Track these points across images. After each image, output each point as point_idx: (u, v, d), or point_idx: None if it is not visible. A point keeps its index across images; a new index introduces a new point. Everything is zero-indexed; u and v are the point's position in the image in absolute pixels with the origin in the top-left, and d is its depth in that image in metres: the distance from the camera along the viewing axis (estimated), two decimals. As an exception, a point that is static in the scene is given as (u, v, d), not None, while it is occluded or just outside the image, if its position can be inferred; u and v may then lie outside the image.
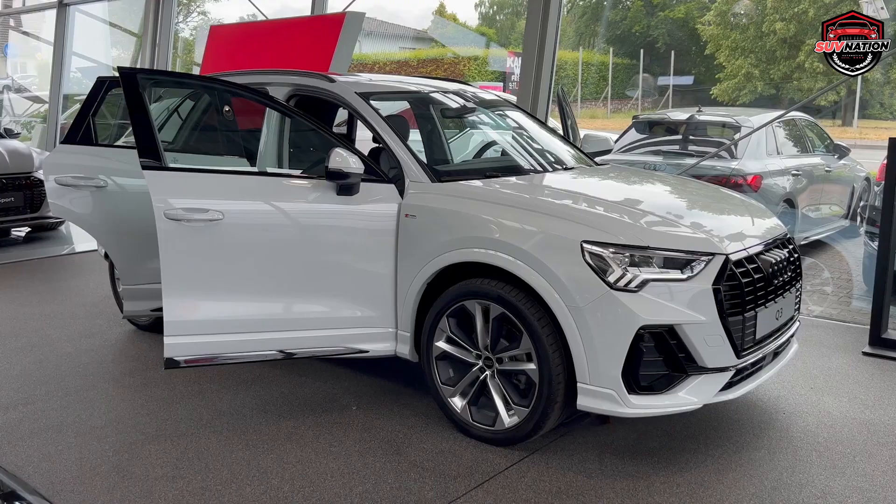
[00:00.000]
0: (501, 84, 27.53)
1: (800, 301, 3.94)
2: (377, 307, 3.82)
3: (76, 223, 4.35)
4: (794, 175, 7.35)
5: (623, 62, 29.22)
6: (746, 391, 3.44)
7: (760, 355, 3.50)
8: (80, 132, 4.28)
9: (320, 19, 7.73)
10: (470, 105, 4.82)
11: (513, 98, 7.07)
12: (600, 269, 3.19)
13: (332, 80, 4.27)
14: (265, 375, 4.41)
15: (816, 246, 7.97)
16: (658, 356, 3.21)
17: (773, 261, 3.51)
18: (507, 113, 5.03)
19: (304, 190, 3.66)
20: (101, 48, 15.50)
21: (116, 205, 4.27)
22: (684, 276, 3.22)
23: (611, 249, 3.21)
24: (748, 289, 3.34)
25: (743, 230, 3.65)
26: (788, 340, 3.89)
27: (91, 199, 4.20)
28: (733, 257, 3.33)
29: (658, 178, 4.61)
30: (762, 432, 3.71)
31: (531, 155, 4.61)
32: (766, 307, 3.45)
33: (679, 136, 7.53)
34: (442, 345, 3.67)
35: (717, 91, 17.37)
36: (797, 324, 3.97)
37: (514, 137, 4.86)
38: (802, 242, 7.61)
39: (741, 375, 3.42)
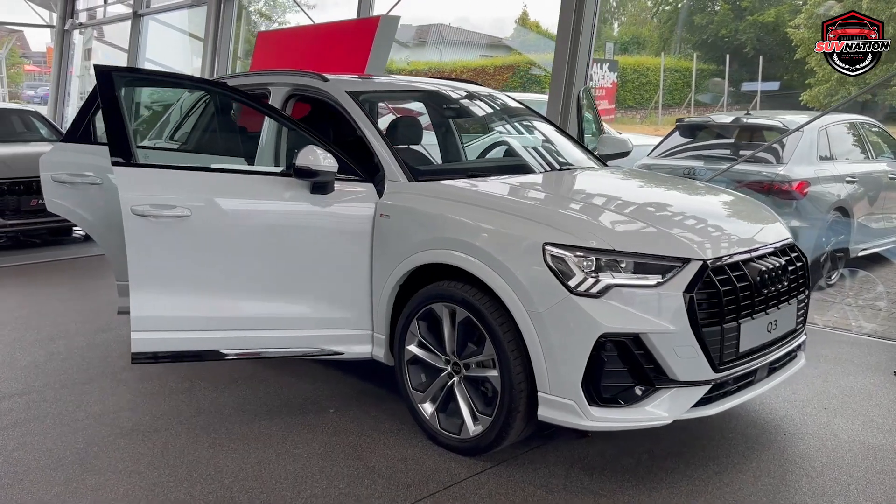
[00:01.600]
0: (580, 90, 27.21)
1: (805, 314, 3.65)
2: (352, 309, 3.75)
3: (71, 219, 4.46)
4: (848, 182, 6.89)
5: (709, 68, 28.37)
6: (728, 408, 3.20)
7: (747, 370, 3.24)
8: (80, 131, 4.39)
9: (357, 23, 7.76)
10: (471, 104, 4.70)
11: (544, 98, 6.91)
12: (562, 273, 3.02)
13: (326, 80, 4.24)
14: (257, 374, 4.41)
15: (875, 259, 7.44)
16: (622, 366, 3.01)
17: (764, 269, 3.25)
18: (513, 112, 4.89)
19: (276, 188, 3.62)
20: (182, 57, 16.07)
21: (110, 202, 4.34)
22: (653, 283, 3.02)
23: (574, 252, 3.04)
24: (728, 298, 3.10)
25: (732, 235, 3.40)
26: (792, 355, 3.62)
27: (86, 196, 4.30)
28: (713, 263, 3.10)
29: (659, 180, 4.39)
30: (753, 453, 3.45)
31: (529, 154, 4.46)
32: (752, 318, 3.20)
33: (724, 141, 7.17)
34: (413, 349, 3.57)
35: (807, 97, 16.59)
36: (802, 337, 3.68)
37: (516, 137, 4.71)
38: (860, 254, 7.12)
39: (722, 390, 3.18)
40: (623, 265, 3.05)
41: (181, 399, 4.08)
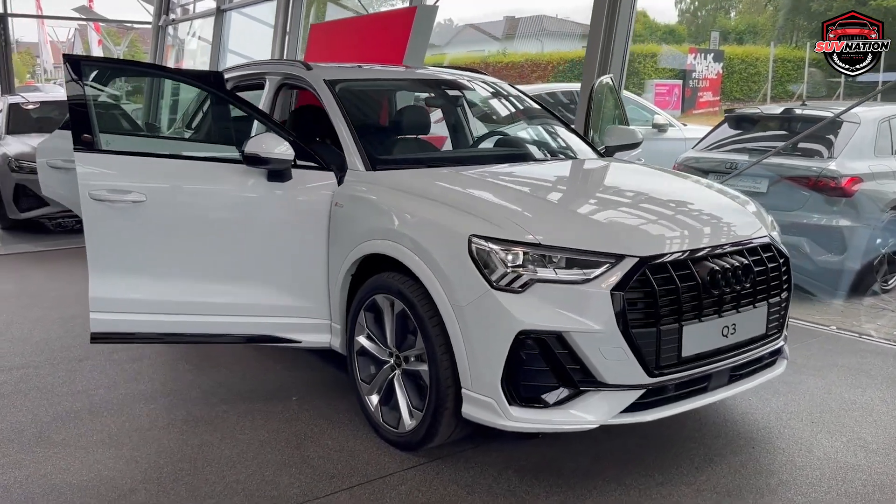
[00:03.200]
0: (680, 81, 26.34)
1: (780, 318, 3.36)
2: (311, 297, 3.74)
3: (64, 203, 4.65)
4: (911, 178, 6.32)
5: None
6: (668, 415, 2.99)
7: (693, 376, 3.02)
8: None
9: (396, 14, 7.74)
10: (464, 94, 4.60)
11: (575, 86, 6.68)
12: (485, 266, 2.91)
13: (309, 68, 4.25)
14: (241, 358, 4.48)
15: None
16: (545, 366, 2.87)
17: (718, 268, 3.02)
18: (511, 101, 4.75)
19: (233, 175, 3.64)
20: (269, 49, 16.58)
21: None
22: (580, 279, 2.86)
23: (500, 245, 2.92)
24: (668, 297, 2.90)
25: (686, 231, 3.18)
26: (764, 362, 3.36)
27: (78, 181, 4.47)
28: (653, 261, 2.90)
29: (639, 173, 4.14)
30: (707, 465, 3.22)
31: (513, 145, 4.33)
32: (700, 321, 2.98)
33: (773, 133, 6.73)
34: (362, 340, 3.53)
35: (935, 87, 15.36)
36: (779, 344, 3.40)
37: (509, 127, 4.59)
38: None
39: (659, 396, 2.98)
40: (555, 260, 2.90)
41: (159, 379, 4.20)
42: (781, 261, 3.34)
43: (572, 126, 4.70)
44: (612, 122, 5.84)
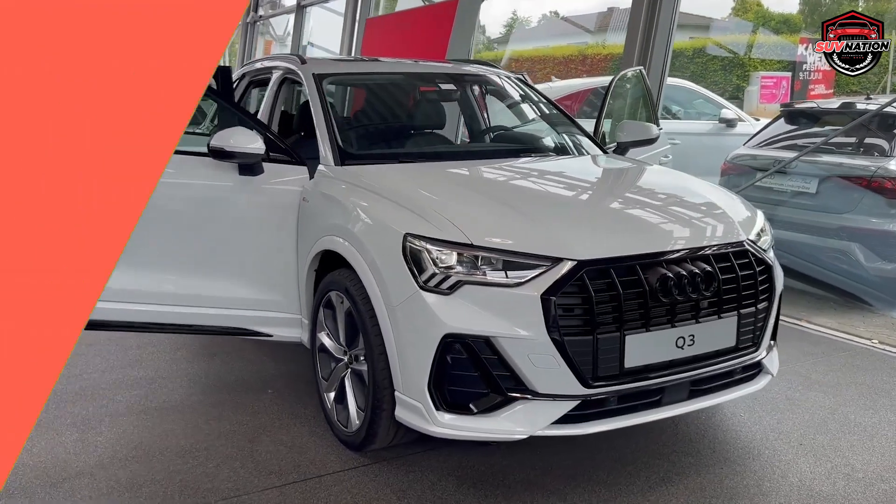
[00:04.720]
0: (790, 74, 24.98)
1: (756, 329, 3.10)
2: (282, 292, 3.74)
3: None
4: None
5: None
6: (607, 429, 2.81)
7: (641, 388, 2.83)
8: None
9: (439, 7, 7.65)
10: (462, 87, 4.50)
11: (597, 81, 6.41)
12: (417, 266, 2.82)
13: (304, 62, 4.24)
14: (239, 350, 4.54)
15: None
16: (473, 371, 2.76)
17: (672, 274, 2.81)
18: (512, 96, 4.61)
19: (205, 168, 3.66)
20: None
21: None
22: (511, 282, 2.73)
23: (433, 245, 2.82)
24: (609, 304, 2.73)
25: (640, 233, 2.99)
26: (738, 376, 3.12)
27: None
28: (593, 265, 2.73)
29: (617, 169, 3.92)
30: (662, 485, 3.01)
31: (501, 140, 4.19)
32: (647, 330, 2.79)
33: (832, 129, 6.25)
34: (322, 337, 3.50)
35: None
36: (758, 356, 3.14)
37: (508, 122, 4.45)
38: None
39: (600, 409, 2.80)
40: (493, 262, 2.78)
41: (153, 366, 4.31)
42: (760, 269, 3.08)
43: (577, 121, 4.50)
44: (647, 118, 5.58)
